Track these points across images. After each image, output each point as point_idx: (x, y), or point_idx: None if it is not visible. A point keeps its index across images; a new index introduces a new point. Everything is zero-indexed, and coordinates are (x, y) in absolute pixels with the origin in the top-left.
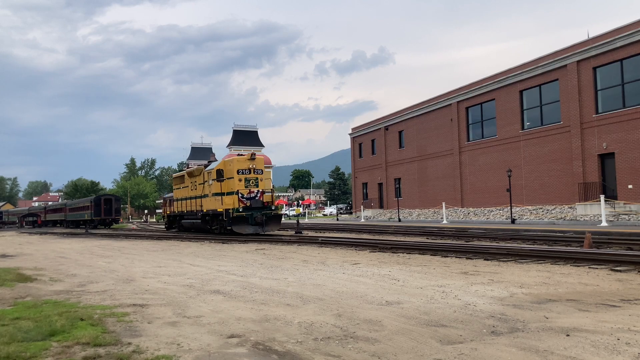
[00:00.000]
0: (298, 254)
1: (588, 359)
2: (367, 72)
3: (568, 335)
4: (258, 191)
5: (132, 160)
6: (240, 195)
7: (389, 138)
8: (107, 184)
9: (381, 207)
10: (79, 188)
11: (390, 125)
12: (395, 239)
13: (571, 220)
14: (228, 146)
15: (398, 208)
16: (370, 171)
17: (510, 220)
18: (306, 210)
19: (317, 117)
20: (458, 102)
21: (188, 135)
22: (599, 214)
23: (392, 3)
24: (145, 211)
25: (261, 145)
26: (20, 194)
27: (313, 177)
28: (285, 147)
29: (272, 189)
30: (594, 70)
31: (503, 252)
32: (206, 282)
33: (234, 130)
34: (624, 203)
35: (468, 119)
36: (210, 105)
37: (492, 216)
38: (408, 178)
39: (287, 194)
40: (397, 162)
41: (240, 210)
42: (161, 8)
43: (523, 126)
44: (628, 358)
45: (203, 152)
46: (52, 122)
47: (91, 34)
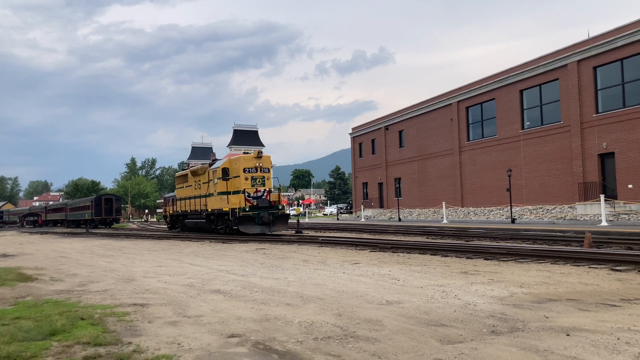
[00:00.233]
0: (298, 254)
1: (588, 359)
2: (367, 72)
3: (568, 334)
4: (265, 190)
5: (133, 160)
6: (246, 194)
7: (389, 138)
8: (108, 184)
9: (381, 207)
10: (80, 188)
11: (390, 125)
12: (395, 239)
13: (571, 219)
14: (228, 146)
15: (398, 208)
16: (370, 171)
17: (510, 219)
18: (306, 210)
19: (317, 117)
20: (458, 102)
21: (188, 135)
22: (599, 214)
23: (392, 3)
24: (145, 211)
25: (261, 145)
26: (20, 194)
27: (313, 177)
28: (285, 147)
29: (279, 188)
30: (594, 69)
31: (503, 252)
32: (206, 282)
33: (234, 130)
34: (624, 203)
35: (468, 119)
36: (210, 105)
37: (492, 216)
38: (408, 178)
39: (288, 194)
40: (397, 162)
41: (246, 209)
42: (161, 8)
43: (523, 126)
44: (628, 358)
45: (203, 152)
46: (52, 122)
47: (91, 34)
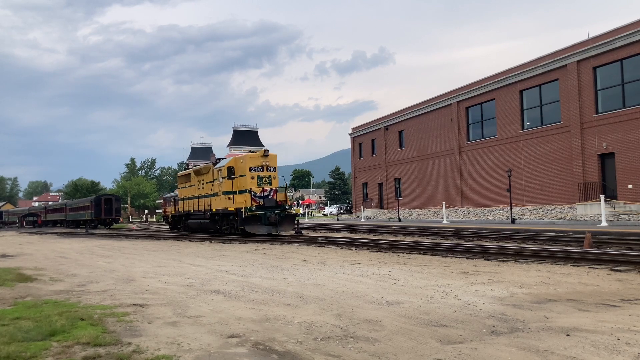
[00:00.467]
0: (298, 254)
1: (588, 359)
2: (367, 72)
3: (568, 335)
4: (271, 189)
5: (132, 160)
6: (253, 193)
7: (389, 138)
8: (107, 184)
9: (381, 207)
10: (79, 188)
11: (390, 125)
12: (395, 239)
13: (571, 220)
14: (228, 146)
15: (398, 208)
16: (370, 171)
17: (510, 220)
18: (306, 210)
19: (317, 117)
20: (458, 102)
21: (188, 135)
22: (599, 214)
23: (392, 3)
24: (145, 211)
25: (261, 145)
26: (20, 194)
27: (313, 177)
28: (285, 147)
29: (286, 188)
30: (594, 70)
31: (503, 252)
32: (206, 282)
33: (234, 130)
34: (624, 203)
35: (468, 119)
36: (210, 105)
37: (492, 216)
38: (408, 178)
39: (288, 194)
40: (397, 162)
41: (253, 209)
42: (162, 8)
43: (523, 126)
44: (628, 358)
45: (203, 152)
46: (52, 122)
47: (91, 34)
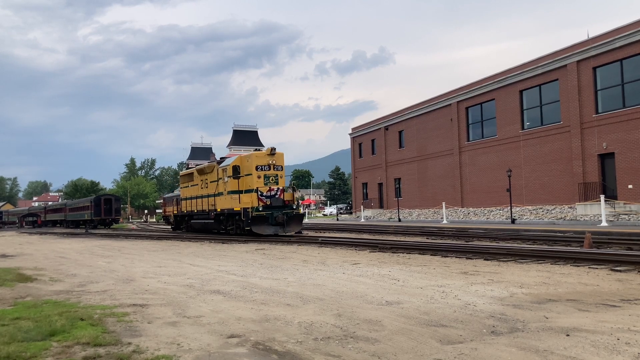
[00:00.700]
0: (298, 254)
1: (588, 359)
2: (367, 72)
3: (568, 335)
4: (278, 189)
5: (132, 160)
6: (259, 193)
7: (389, 138)
8: (107, 184)
9: (381, 207)
10: (79, 188)
11: (390, 125)
12: (395, 239)
13: (571, 220)
14: (228, 146)
15: (398, 208)
16: (370, 171)
17: (510, 220)
18: (306, 210)
19: (317, 117)
20: (458, 102)
21: (188, 135)
22: (599, 214)
23: (392, 3)
24: (145, 211)
25: (261, 145)
26: (20, 194)
27: (313, 177)
28: (285, 147)
29: (294, 187)
30: (594, 70)
31: (503, 252)
32: (206, 282)
33: (234, 130)
34: (624, 203)
35: (468, 119)
36: (210, 105)
37: (492, 216)
38: (408, 178)
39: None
40: (397, 162)
41: (260, 209)
42: (162, 8)
43: (523, 126)
44: (628, 358)
45: (203, 152)
46: (52, 122)
47: (92, 34)
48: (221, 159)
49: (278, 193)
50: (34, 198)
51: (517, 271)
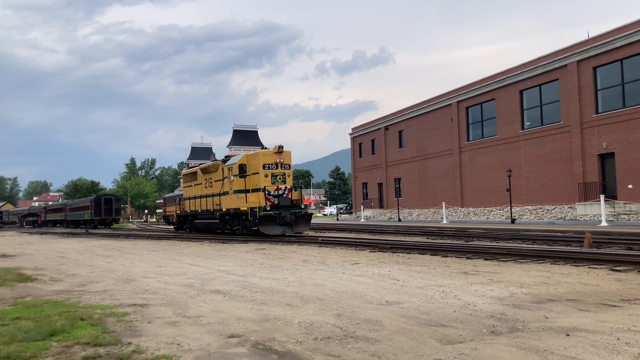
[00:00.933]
0: (298, 254)
1: (588, 359)
2: (367, 72)
3: (568, 335)
4: (286, 188)
5: (132, 160)
6: (267, 192)
7: (389, 138)
8: (107, 184)
9: (381, 207)
10: (79, 188)
11: (390, 125)
12: (395, 239)
13: (571, 220)
14: (228, 146)
15: (398, 208)
16: (370, 171)
17: (510, 220)
18: None
19: (317, 117)
20: (458, 102)
21: (188, 135)
22: (599, 214)
23: (392, 3)
24: (145, 211)
25: (261, 145)
26: (20, 194)
27: (313, 177)
28: (285, 147)
29: (302, 186)
30: (594, 70)
31: (503, 252)
32: (206, 282)
33: (234, 130)
34: (624, 203)
35: (468, 119)
36: (210, 105)
37: (492, 216)
38: (408, 178)
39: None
40: (397, 162)
41: (267, 209)
42: (162, 8)
43: (523, 126)
44: (628, 358)
45: (203, 152)
46: (52, 122)
47: (92, 34)
48: (226, 157)
49: (286, 192)
50: (34, 198)
51: (517, 271)
